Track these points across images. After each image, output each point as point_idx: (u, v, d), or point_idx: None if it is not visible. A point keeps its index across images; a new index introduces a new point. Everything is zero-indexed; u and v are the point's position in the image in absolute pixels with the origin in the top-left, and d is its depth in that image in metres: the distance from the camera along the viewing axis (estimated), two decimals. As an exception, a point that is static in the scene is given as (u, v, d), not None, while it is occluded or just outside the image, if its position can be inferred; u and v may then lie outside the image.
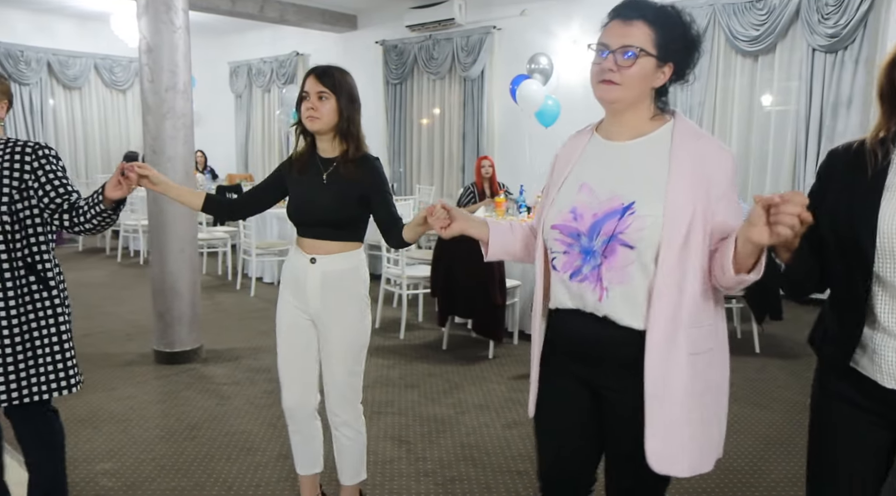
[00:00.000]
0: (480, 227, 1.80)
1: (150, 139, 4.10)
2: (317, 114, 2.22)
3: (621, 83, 1.47)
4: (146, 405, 3.69)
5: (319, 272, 2.29)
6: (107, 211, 2.10)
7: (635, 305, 1.51)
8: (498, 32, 7.95)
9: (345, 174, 2.27)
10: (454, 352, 4.69)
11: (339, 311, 2.32)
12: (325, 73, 2.26)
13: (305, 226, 2.33)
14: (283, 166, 2.42)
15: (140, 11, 3.99)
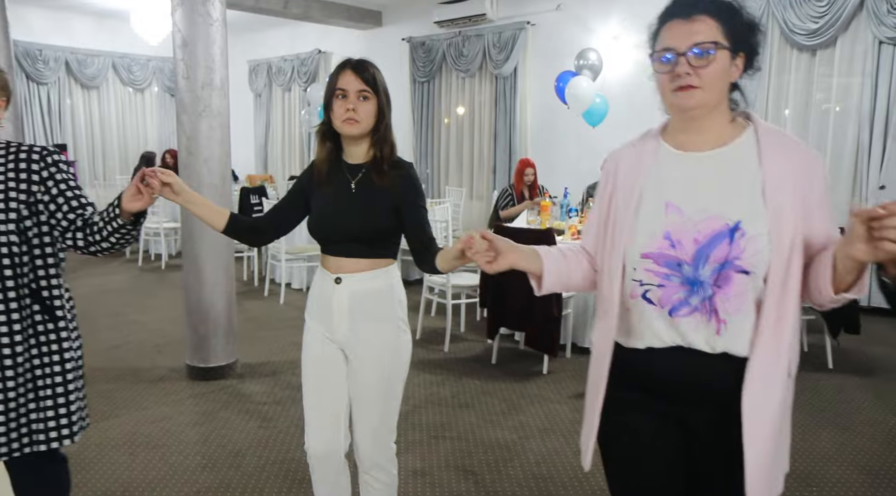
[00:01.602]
0: (532, 259, 1.54)
1: (185, 139, 3.83)
2: (357, 116, 1.91)
3: (701, 86, 1.32)
4: (183, 428, 3.41)
5: (346, 293, 1.99)
6: (125, 226, 1.78)
7: (747, 333, 1.36)
8: (532, 28, 7.64)
9: (377, 182, 1.97)
10: (504, 366, 4.39)
11: (370, 338, 2.01)
12: (364, 68, 1.95)
13: (331, 242, 2.01)
14: (303, 176, 2.10)
15: (175, 4, 3.72)
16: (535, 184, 6.24)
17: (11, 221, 1.75)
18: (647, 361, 1.43)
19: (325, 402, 2.09)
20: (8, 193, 1.76)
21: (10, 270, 1.75)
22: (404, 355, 2.08)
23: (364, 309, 2.00)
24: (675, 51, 1.33)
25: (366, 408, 2.05)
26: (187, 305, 4.05)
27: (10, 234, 1.75)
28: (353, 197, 1.98)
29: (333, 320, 2.02)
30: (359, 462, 2.11)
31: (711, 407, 1.39)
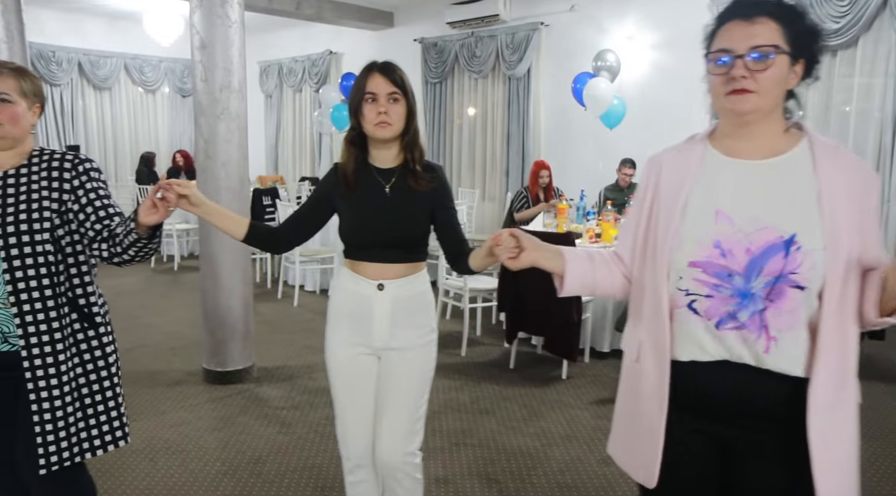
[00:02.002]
0: (554, 258, 1.53)
1: (203, 142, 3.80)
2: (389, 119, 1.90)
3: (757, 90, 1.28)
4: (202, 433, 3.38)
5: (389, 299, 1.98)
6: (142, 239, 1.74)
7: (800, 352, 1.30)
8: (545, 29, 7.58)
9: (412, 186, 1.97)
10: (523, 371, 4.35)
11: (408, 343, 2.03)
12: (392, 69, 1.95)
13: (369, 247, 1.99)
14: (326, 183, 2.06)
15: (194, 6, 3.69)
16: (550, 186, 6.20)
17: (46, 230, 1.74)
18: (690, 375, 1.38)
19: (361, 408, 2.09)
20: (42, 203, 1.75)
21: (47, 279, 1.74)
22: (433, 360, 2.10)
23: (404, 314, 2.01)
24: (733, 53, 1.29)
25: (396, 414, 2.05)
26: (204, 309, 4.02)
27: (46, 244, 1.73)
28: (390, 202, 1.97)
29: (374, 327, 2.01)
30: (385, 468, 2.10)
31: (758, 427, 1.34)
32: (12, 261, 1.70)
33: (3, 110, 1.73)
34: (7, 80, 1.74)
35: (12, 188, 1.75)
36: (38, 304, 1.72)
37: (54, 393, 1.75)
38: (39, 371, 1.73)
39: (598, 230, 4.90)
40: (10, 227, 1.71)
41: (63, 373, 1.76)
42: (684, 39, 6.63)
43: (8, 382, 1.76)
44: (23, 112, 1.76)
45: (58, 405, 1.75)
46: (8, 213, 1.72)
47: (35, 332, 1.72)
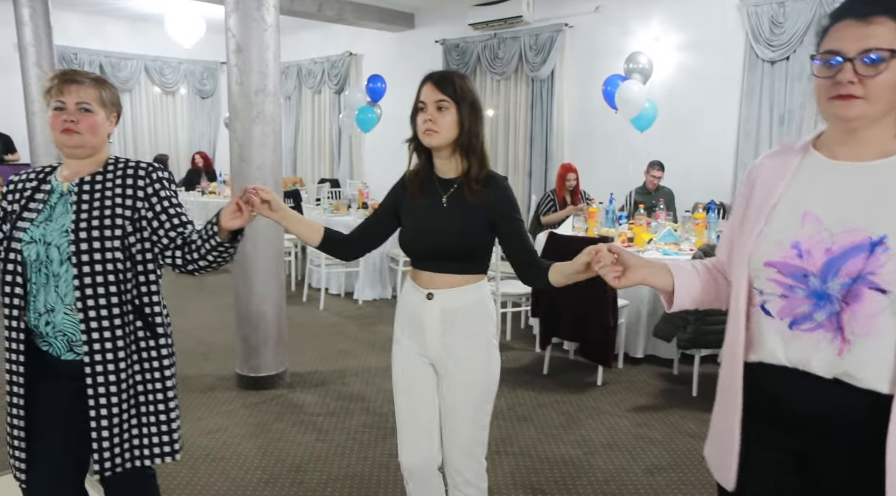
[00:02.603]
0: (661, 274, 1.48)
1: (238, 146, 3.77)
2: (435, 127, 1.89)
3: (865, 96, 1.20)
4: (239, 440, 3.35)
5: (438, 309, 1.98)
6: (223, 244, 1.75)
7: (882, 363, 1.21)
8: (569, 30, 7.53)
9: (469, 197, 1.94)
10: (557, 377, 4.30)
11: (463, 354, 2.00)
12: (444, 79, 1.93)
13: (422, 257, 2.00)
14: (395, 189, 2.09)
15: (229, 9, 3.66)
16: (577, 189, 6.15)
17: (118, 238, 1.74)
18: (760, 378, 1.34)
19: (419, 417, 2.08)
20: (115, 210, 1.75)
21: (114, 286, 1.74)
22: (494, 370, 2.07)
23: (456, 324, 1.99)
24: (843, 54, 1.20)
25: (457, 424, 2.04)
26: (237, 314, 4.00)
27: (116, 251, 1.74)
28: (446, 213, 1.96)
29: (426, 336, 2.01)
30: (448, 477, 2.10)
31: (831, 442, 1.28)
32: (82, 268, 1.70)
33: (84, 120, 1.74)
34: (89, 89, 1.76)
35: (87, 195, 1.76)
36: (105, 311, 1.72)
37: (112, 400, 1.74)
38: (100, 378, 1.73)
39: (630, 234, 4.85)
40: (83, 234, 1.71)
41: (122, 381, 1.76)
42: (711, 41, 6.60)
43: (71, 388, 1.76)
44: (101, 121, 1.78)
45: (115, 412, 1.75)
46: (81, 219, 1.72)
47: (99, 339, 1.72)
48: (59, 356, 1.76)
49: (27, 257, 1.71)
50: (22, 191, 1.80)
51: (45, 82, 1.75)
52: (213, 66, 11.09)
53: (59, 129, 1.73)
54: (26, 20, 5.90)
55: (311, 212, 6.79)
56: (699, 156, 6.49)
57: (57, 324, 1.73)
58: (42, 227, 1.72)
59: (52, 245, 1.70)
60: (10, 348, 1.75)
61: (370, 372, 4.35)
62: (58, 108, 1.73)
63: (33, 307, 1.73)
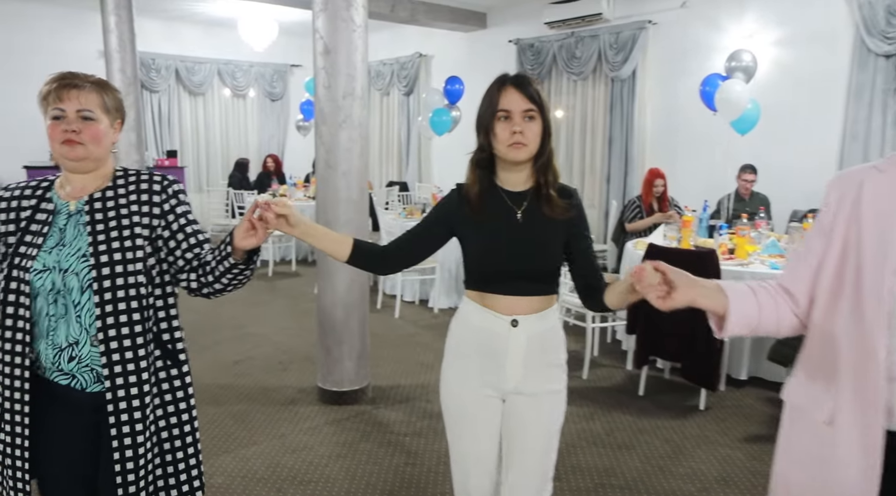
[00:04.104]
0: (714, 295, 1.30)
1: (324, 152, 3.63)
2: (524, 139, 1.68)
3: None
4: (326, 461, 3.20)
5: (524, 337, 1.76)
6: (238, 266, 1.55)
7: None
8: (653, 27, 7.17)
9: (546, 211, 1.74)
10: (653, 398, 4.01)
11: (542, 383, 1.81)
12: (528, 83, 1.71)
13: (499, 279, 1.76)
14: (447, 204, 1.85)
15: (317, 10, 3.53)
16: (665, 196, 5.82)
17: (139, 260, 1.56)
18: None
19: (484, 456, 1.87)
20: (133, 229, 1.56)
21: (137, 314, 1.56)
22: (563, 404, 1.87)
23: (538, 353, 1.79)
24: None
25: (526, 457, 1.83)
26: (320, 324, 3.86)
27: (139, 275, 1.55)
28: (523, 229, 1.76)
29: (506, 367, 1.79)
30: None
31: None
32: (104, 294, 1.52)
33: (86, 129, 1.53)
34: (90, 95, 1.55)
35: (100, 213, 1.57)
36: (127, 341, 1.54)
37: (138, 440, 1.57)
38: (124, 415, 1.55)
39: (731, 245, 4.50)
40: (104, 257, 1.53)
41: (147, 417, 1.58)
42: (814, 35, 6.13)
43: (92, 424, 1.58)
44: (105, 130, 1.57)
45: (140, 452, 1.57)
46: (99, 240, 1.54)
47: (122, 372, 1.54)
48: (83, 389, 1.57)
49: (40, 288, 1.52)
50: (17, 210, 1.58)
51: (43, 87, 1.55)
52: (283, 69, 11.14)
53: (59, 141, 1.52)
54: (112, 27, 5.95)
55: (384, 216, 6.65)
56: (796, 159, 6.05)
57: (83, 357, 1.55)
58: (55, 252, 1.54)
59: (70, 272, 1.52)
60: (13, 387, 1.54)
61: (454, 388, 4.15)
62: (56, 116, 1.53)
63: (51, 342, 1.54)
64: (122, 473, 1.56)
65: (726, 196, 5.76)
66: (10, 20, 8.59)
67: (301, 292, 6.63)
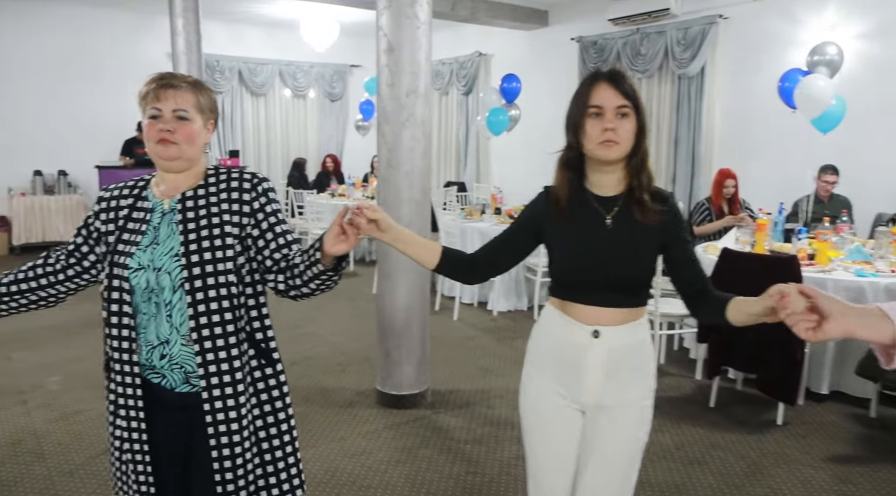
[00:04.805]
0: (877, 322, 1.11)
1: (386, 151, 3.58)
2: (617, 137, 1.57)
3: None
4: (385, 466, 3.14)
5: (605, 350, 1.66)
6: (327, 272, 1.51)
7: None
8: (724, 22, 6.89)
9: (638, 216, 1.63)
10: (725, 412, 3.80)
11: (624, 399, 1.70)
12: (622, 78, 1.60)
13: (586, 288, 1.66)
14: (534, 209, 1.76)
15: (382, 7, 3.47)
16: (736, 197, 5.53)
17: (230, 259, 1.53)
18: None
19: (559, 469, 1.77)
20: (223, 227, 1.54)
21: (229, 313, 1.53)
22: (649, 422, 1.75)
23: (621, 367, 1.68)
24: None
25: (607, 476, 1.72)
26: (380, 326, 3.80)
27: (229, 274, 1.53)
28: (612, 236, 1.64)
29: (585, 380, 1.69)
30: None
31: None
32: (195, 294, 1.51)
33: (181, 129, 1.54)
34: (185, 95, 1.56)
35: (192, 212, 1.56)
36: (220, 341, 1.53)
37: (235, 439, 1.55)
38: (220, 414, 1.54)
39: (811, 250, 4.24)
40: (194, 257, 1.52)
41: (243, 417, 1.56)
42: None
43: (184, 422, 1.58)
44: (198, 130, 1.57)
45: (238, 451, 1.55)
46: (190, 240, 1.53)
47: (216, 372, 1.53)
48: (173, 388, 1.58)
49: (136, 285, 1.54)
50: (116, 209, 1.62)
51: (142, 87, 1.56)
52: (343, 69, 11.23)
53: (155, 140, 1.54)
54: (179, 30, 6.09)
55: (443, 217, 6.58)
56: (880, 159, 5.70)
57: (174, 356, 1.55)
58: (149, 251, 1.55)
59: (163, 271, 1.53)
60: (125, 383, 1.58)
61: (515, 395, 3.96)
62: (153, 116, 1.54)
63: (144, 339, 1.57)
64: (221, 471, 1.55)
65: (805, 198, 5.44)
66: (81, 25, 8.91)
67: (359, 292, 6.62)
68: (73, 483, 2.95)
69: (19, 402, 3.83)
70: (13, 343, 4.88)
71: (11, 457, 3.18)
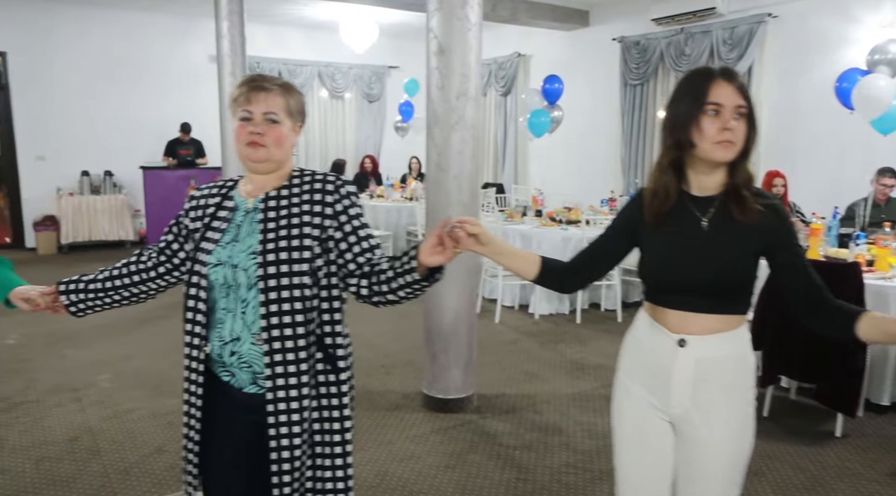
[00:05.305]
0: None
1: (436, 154, 3.56)
2: (734, 137, 1.50)
3: None
4: (434, 471, 3.12)
5: (692, 360, 1.59)
6: (420, 282, 1.49)
7: None
8: (773, 20, 6.73)
9: (738, 215, 1.55)
10: (780, 422, 3.70)
11: (717, 415, 1.61)
12: (737, 76, 1.53)
13: (674, 291, 1.60)
14: (629, 211, 1.71)
15: (432, 9, 3.46)
16: (786, 199, 5.41)
17: (305, 261, 1.53)
18: None
19: (647, 477, 1.72)
20: (303, 228, 1.54)
21: (301, 315, 1.52)
22: (750, 437, 1.66)
23: (713, 379, 1.60)
24: None
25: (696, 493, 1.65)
26: (427, 329, 3.79)
27: (304, 276, 1.52)
28: (707, 237, 1.57)
29: (671, 391, 1.62)
30: None
31: None
32: (269, 293, 1.51)
33: (270, 131, 1.56)
34: (276, 98, 1.57)
35: (273, 211, 1.57)
36: (290, 343, 1.52)
37: (294, 441, 1.55)
38: (283, 416, 1.53)
39: (870, 256, 4.11)
40: (271, 255, 1.52)
41: (304, 420, 1.55)
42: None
43: (250, 424, 1.58)
44: (287, 133, 1.59)
45: (297, 454, 1.55)
46: (269, 238, 1.54)
47: (283, 373, 1.53)
48: (240, 388, 1.58)
49: (213, 281, 1.57)
50: (205, 207, 1.65)
51: (234, 90, 1.59)
52: (381, 71, 11.26)
53: (245, 142, 1.56)
54: (224, 33, 6.16)
55: (484, 219, 6.54)
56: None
57: (243, 354, 1.56)
58: (229, 247, 1.57)
59: (240, 268, 1.54)
60: (189, 378, 1.61)
61: (562, 400, 3.99)
62: (245, 118, 1.56)
63: (218, 334, 1.58)
64: (279, 474, 1.55)
65: (861, 201, 5.28)
66: (127, 29, 9.08)
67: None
68: (128, 481, 2.99)
69: (74, 399, 3.91)
70: (65, 340, 4.99)
71: (69, 453, 3.24)
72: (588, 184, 8.43)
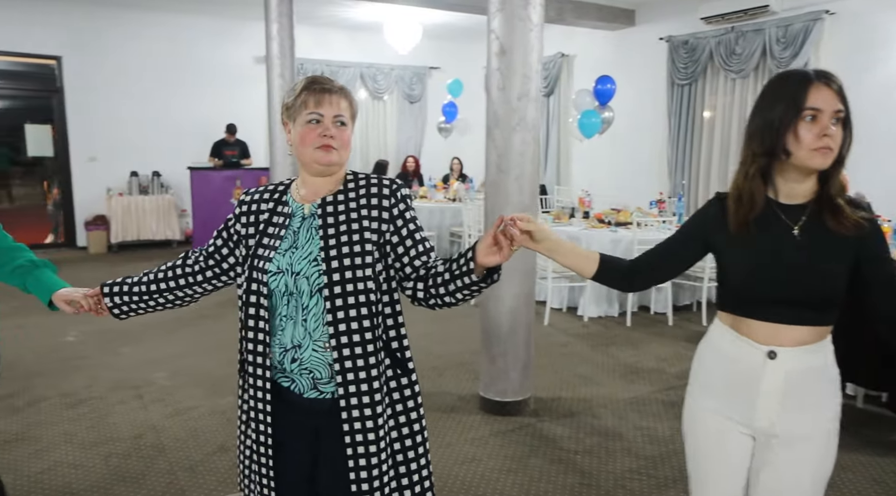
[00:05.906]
0: None
1: (496, 156, 3.54)
2: (833, 144, 1.45)
3: None
4: (497, 475, 3.09)
5: (782, 372, 1.53)
6: (478, 283, 1.47)
7: None
8: (830, 18, 6.56)
9: (832, 224, 1.50)
10: (849, 429, 3.53)
11: (803, 430, 1.55)
12: (834, 78, 1.48)
13: (763, 304, 1.54)
14: (704, 216, 1.65)
15: (494, 9, 3.44)
16: (846, 201, 5.26)
17: (368, 266, 1.51)
18: None
19: (724, 491, 1.67)
20: (363, 234, 1.52)
21: (368, 321, 1.51)
22: (833, 454, 1.60)
23: (802, 392, 1.55)
24: None
25: None
26: (484, 331, 3.77)
27: (368, 281, 1.51)
28: (800, 246, 1.51)
29: (758, 404, 1.57)
30: None
31: None
32: (335, 300, 1.49)
33: (340, 134, 1.54)
34: (341, 100, 1.56)
35: (332, 217, 1.55)
36: (359, 349, 1.51)
37: (371, 449, 1.52)
38: (357, 423, 1.52)
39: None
40: (334, 262, 1.50)
41: (381, 426, 1.53)
42: None
43: (309, 428, 1.57)
44: (350, 135, 1.59)
45: (374, 462, 1.53)
46: (330, 244, 1.51)
47: (354, 380, 1.51)
48: (301, 393, 1.57)
49: (275, 289, 1.54)
50: (257, 213, 1.62)
51: (292, 92, 1.55)
52: (422, 72, 11.28)
53: (316, 145, 1.52)
54: (274, 35, 6.22)
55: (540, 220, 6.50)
56: None
57: (304, 361, 1.54)
58: (288, 255, 1.54)
59: (301, 275, 1.52)
60: (255, 385, 1.58)
61: (619, 404, 3.93)
62: (314, 120, 1.52)
63: (278, 342, 1.56)
64: (357, 482, 1.53)
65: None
66: (175, 32, 9.25)
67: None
68: (195, 479, 3.02)
69: (135, 397, 3.98)
70: (119, 339, 5.08)
71: (136, 450, 3.30)
72: (632, 185, 8.33)
